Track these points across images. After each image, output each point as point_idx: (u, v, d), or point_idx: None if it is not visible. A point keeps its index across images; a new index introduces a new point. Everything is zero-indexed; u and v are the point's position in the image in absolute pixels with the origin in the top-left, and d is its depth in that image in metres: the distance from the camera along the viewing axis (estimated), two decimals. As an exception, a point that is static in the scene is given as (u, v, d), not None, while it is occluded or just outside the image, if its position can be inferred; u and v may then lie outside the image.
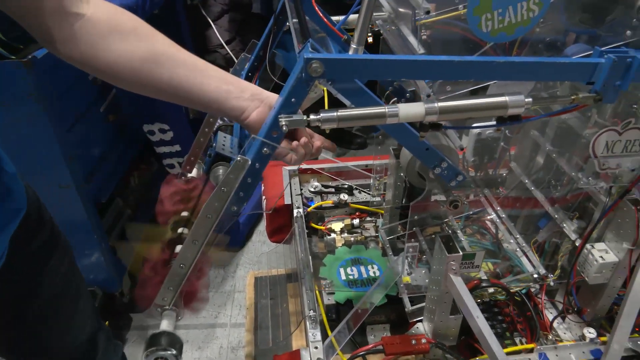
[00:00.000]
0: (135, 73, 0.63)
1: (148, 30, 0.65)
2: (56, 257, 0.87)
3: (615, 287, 0.93)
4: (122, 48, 0.62)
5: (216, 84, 0.66)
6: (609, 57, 0.61)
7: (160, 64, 0.64)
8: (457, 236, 1.18)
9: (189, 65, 0.66)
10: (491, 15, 0.61)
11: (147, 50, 0.63)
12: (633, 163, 0.79)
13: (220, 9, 2.69)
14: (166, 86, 0.65)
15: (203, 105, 0.68)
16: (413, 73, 0.60)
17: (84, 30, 0.60)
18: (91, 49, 0.61)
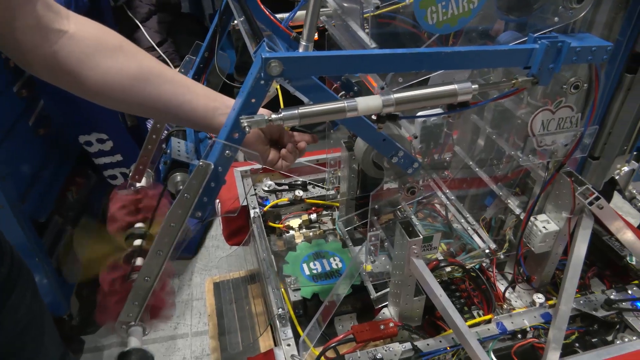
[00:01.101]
0: (126, 91, 0.61)
1: (132, 47, 0.64)
2: (19, 290, 0.81)
3: (557, 254, 1.02)
4: (110, 65, 0.60)
5: (204, 101, 0.67)
6: (543, 43, 0.66)
7: (149, 81, 0.63)
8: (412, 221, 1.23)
9: (176, 83, 0.66)
10: (436, 8, 0.64)
11: (136, 68, 0.62)
12: (566, 138, 0.87)
13: (147, 9, 2.58)
14: (155, 103, 0.64)
15: (191, 122, 0.68)
16: (369, 67, 0.62)
17: (69, 48, 0.57)
18: (77, 67, 0.58)
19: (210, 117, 0.68)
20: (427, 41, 0.71)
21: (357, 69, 0.62)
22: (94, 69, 0.60)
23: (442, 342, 0.95)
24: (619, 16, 0.79)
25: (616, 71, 0.84)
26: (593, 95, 0.81)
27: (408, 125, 0.88)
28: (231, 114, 0.63)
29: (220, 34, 0.91)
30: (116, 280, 0.86)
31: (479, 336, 0.96)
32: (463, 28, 0.87)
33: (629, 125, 0.86)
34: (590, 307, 1.01)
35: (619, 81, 0.85)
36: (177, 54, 2.56)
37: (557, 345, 0.89)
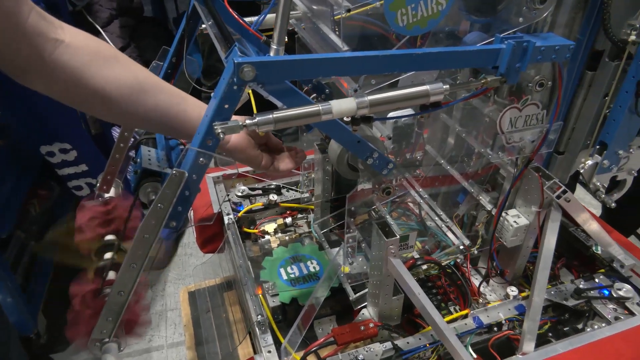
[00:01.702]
0: (124, 100, 0.60)
1: (126, 58, 0.64)
2: None
3: (528, 247, 1.05)
4: (108, 74, 0.59)
5: (198, 111, 0.67)
6: (509, 43, 0.68)
7: (146, 91, 0.62)
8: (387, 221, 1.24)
9: (171, 93, 0.66)
10: (405, 10, 0.65)
11: (132, 78, 0.61)
12: (532, 135, 0.89)
13: (108, 14, 2.51)
14: (151, 114, 0.63)
15: (186, 133, 0.68)
16: (343, 70, 0.62)
17: (66, 57, 0.56)
18: (76, 76, 0.57)
19: None
20: (396, 43, 0.71)
21: (331, 72, 0.62)
22: (92, 78, 0.59)
23: (421, 340, 0.96)
24: (578, 16, 0.82)
25: (577, 69, 0.87)
26: (557, 92, 0.83)
27: (381, 126, 0.88)
28: (204, 120, 0.62)
29: (188, 38, 0.89)
30: (87, 296, 0.83)
31: (457, 331, 0.97)
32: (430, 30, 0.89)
33: (591, 120, 0.89)
34: (560, 297, 1.04)
35: (581, 78, 0.88)
36: (141, 59, 2.50)
37: (532, 336, 0.92)
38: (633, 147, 0.91)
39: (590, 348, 0.90)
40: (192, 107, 0.69)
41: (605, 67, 0.84)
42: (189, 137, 0.74)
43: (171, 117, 0.67)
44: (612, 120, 0.86)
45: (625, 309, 1.03)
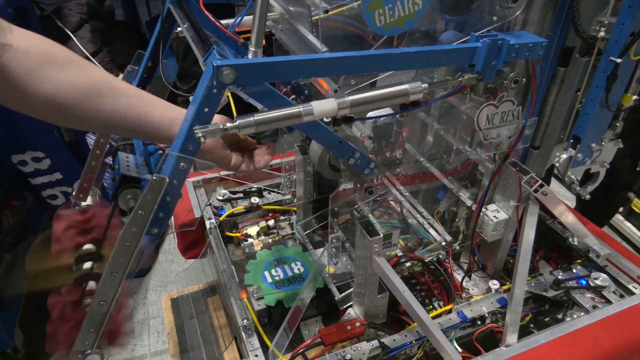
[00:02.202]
0: (77, 105, 0.58)
1: (82, 61, 0.61)
2: None
3: (508, 241, 1.07)
4: (60, 78, 0.57)
5: (160, 111, 0.65)
6: (485, 41, 0.69)
7: (102, 93, 0.60)
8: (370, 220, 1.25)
9: (130, 95, 0.63)
10: (383, 11, 0.65)
11: (87, 81, 0.59)
12: (509, 131, 0.91)
13: (78, 18, 2.46)
14: (110, 117, 0.61)
15: (150, 135, 0.65)
16: (323, 71, 0.62)
17: (14, 62, 0.54)
18: (24, 82, 0.55)
19: (167, 127, 0.67)
20: (373, 43, 0.72)
21: (311, 73, 0.62)
22: (42, 83, 0.57)
23: (407, 337, 0.97)
24: (549, 14, 0.84)
25: (550, 65, 0.89)
26: (531, 89, 0.85)
27: (361, 125, 0.89)
28: (184, 125, 0.61)
29: (164, 42, 0.87)
30: (67, 307, 0.80)
31: (441, 326, 0.99)
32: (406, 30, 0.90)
33: (565, 115, 0.92)
34: (540, 289, 1.07)
35: (553, 75, 0.90)
36: (113, 64, 2.45)
37: (515, 327, 0.93)
38: (605, 140, 0.93)
39: (570, 337, 0.92)
40: (154, 108, 0.67)
41: (576, 63, 0.87)
42: (154, 139, 0.73)
43: (131, 120, 0.65)
44: (584, 115, 0.88)
45: (602, 298, 1.06)
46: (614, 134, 0.94)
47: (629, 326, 0.95)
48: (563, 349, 0.91)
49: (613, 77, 0.81)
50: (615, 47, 0.79)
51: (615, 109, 0.88)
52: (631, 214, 2.05)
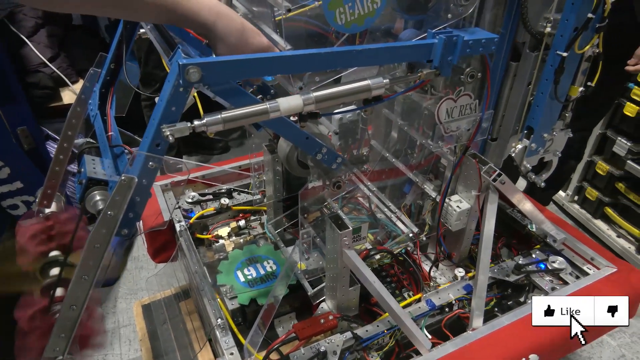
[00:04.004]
0: None
1: None
2: None
3: (471, 230, 1.11)
4: None
5: None
6: (441, 38, 0.73)
7: None
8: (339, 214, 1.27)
9: None
10: (343, 9, 0.68)
11: None
12: (468, 124, 0.96)
13: (33, 23, 2.38)
14: None
15: (152, 12, 0.61)
16: (288, 68, 0.63)
17: None
18: None
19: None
20: (335, 41, 0.74)
21: (276, 71, 0.64)
22: None
23: (379, 327, 0.99)
24: (500, 11, 0.89)
25: (503, 60, 0.94)
26: (487, 83, 0.90)
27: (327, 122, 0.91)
28: (151, 124, 0.61)
29: (127, 44, 0.87)
30: (35, 316, 0.79)
31: (411, 315, 1.02)
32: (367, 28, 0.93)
33: (518, 107, 0.97)
34: (503, 274, 1.12)
35: (506, 69, 0.96)
36: (72, 69, 2.39)
37: (480, 312, 0.98)
38: (556, 130, 0.99)
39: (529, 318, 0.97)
40: None
41: (527, 57, 0.92)
42: (156, 18, 0.66)
43: None
44: (536, 107, 0.94)
45: (560, 280, 1.12)
46: (564, 124, 1.00)
47: (584, 304, 1.01)
48: (525, 329, 0.96)
49: (560, 70, 0.86)
50: (561, 41, 0.85)
51: (564, 100, 0.93)
52: (585, 202, 2.17)
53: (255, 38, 0.65)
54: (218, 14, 0.63)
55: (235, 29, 0.64)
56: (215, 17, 0.63)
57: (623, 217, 1.99)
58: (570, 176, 2.01)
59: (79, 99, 0.92)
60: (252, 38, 0.65)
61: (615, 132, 1.91)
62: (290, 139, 0.77)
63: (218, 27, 0.63)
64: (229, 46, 0.64)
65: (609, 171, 1.97)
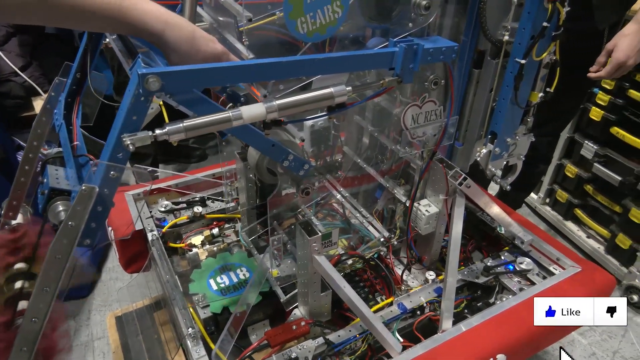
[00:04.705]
0: None
1: None
2: None
3: (441, 233, 1.14)
4: None
5: None
6: (401, 46, 0.74)
7: None
8: (312, 221, 1.28)
9: None
10: (305, 19, 0.69)
11: None
12: (434, 129, 0.98)
13: (4, 32, 2.34)
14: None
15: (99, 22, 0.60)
16: (248, 76, 0.64)
17: None
18: None
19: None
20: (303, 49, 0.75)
21: (237, 79, 0.64)
22: None
23: (351, 331, 1.00)
24: (461, 20, 0.91)
25: (465, 67, 0.97)
26: (450, 89, 0.92)
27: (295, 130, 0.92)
28: (112, 133, 0.61)
29: (92, 53, 0.87)
30: None
31: (383, 319, 1.03)
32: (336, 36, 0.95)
33: (482, 113, 1.00)
34: (472, 276, 1.14)
35: (469, 76, 0.98)
36: (45, 78, 2.35)
37: (449, 313, 1.00)
38: (518, 135, 1.02)
39: (498, 318, 0.99)
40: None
41: (488, 65, 0.95)
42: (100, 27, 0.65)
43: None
44: (498, 112, 0.97)
45: (527, 280, 1.15)
46: (526, 128, 1.03)
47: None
48: (493, 329, 0.98)
49: (519, 77, 0.89)
50: (519, 49, 0.88)
51: (525, 105, 0.96)
52: (556, 204, 2.22)
53: (209, 45, 0.65)
54: (166, 23, 0.63)
55: (185, 37, 0.63)
56: (163, 25, 0.62)
57: (592, 218, 2.05)
58: (541, 179, 2.07)
59: (45, 108, 0.91)
60: (204, 45, 0.65)
61: (582, 136, 1.96)
62: (257, 147, 0.78)
63: (167, 35, 0.63)
64: (181, 55, 0.64)
65: (577, 174, 2.02)
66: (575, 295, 1.06)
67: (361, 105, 1.23)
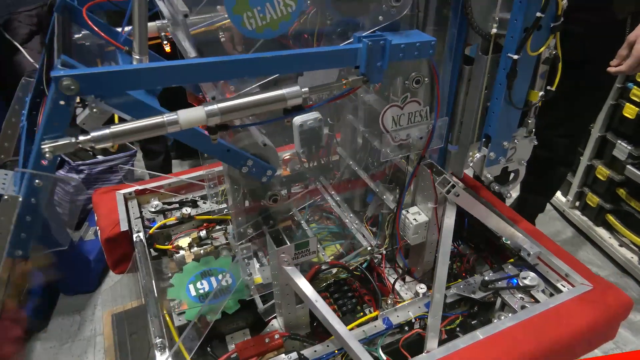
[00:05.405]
0: None
1: None
2: None
3: (433, 243, 1.05)
4: None
5: None
6: (364, 42, 0.67)
7: None
8: (301, 226, 1.22)
9: None
10: (252, 13, 0.63)
11: None
12: (420, 132, 0.89)
13: (28, 30, 2.40)
14: None
15: None
16: (180, 78, 0.59)
17: None
18: None
19: None
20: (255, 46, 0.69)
21: (167, 82, 0.59)
22: None
23: (329, 347, 0.94)
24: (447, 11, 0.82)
25: (455, 63, 0.87)
26: (436, 88, 0.83)
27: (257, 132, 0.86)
28: (36, 141, 0.58)
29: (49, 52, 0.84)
30: None
31: (366, 335, 0.96)
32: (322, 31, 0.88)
33: (475, 113, 0.90)
34: (469, 291, 1.04)
35: (460, 73, 0.89)
36: (65, 75, 2.40)
37: (435, 332, 0.91)
38: (518, 138, 0.92)
39: (489, 340, 0.90)
40: None
41: (479, 60, 0.85)
42: None
43: None
44: (492, 113, 0.87)
45: (531, 297, 1.05)
46: (527, 131, 0.92)
47: (551, 326, 0.93)
48: (481, 352, 0.88)
49: (512, 74, 0.79)
50: (511, 43, 0.78)
51: (523, 105, 0.86)
52: (586, 208, 2.05)
53: None
54: None
55: None
56: None
57: (625, 224, 1.88)
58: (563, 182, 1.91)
59: (13, 109, 0.89)
60: None
61: (614, 135, 1.80)
62: (210, 152, 0.72)
63: None
64: None
65: (609, 176, 1.86)
66: (584, 317, 0.95)
67: (355, 104, 1.16)
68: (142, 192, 1.36)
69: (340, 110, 1.24)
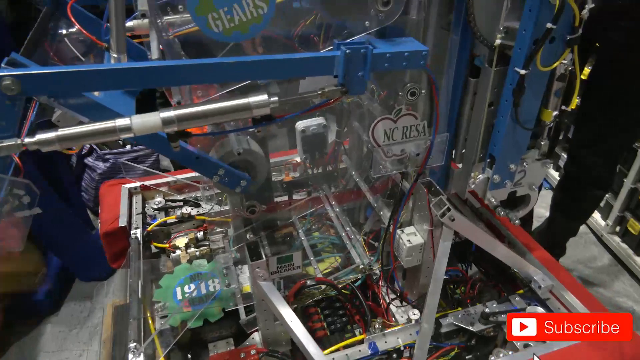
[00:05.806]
0: None
1: None
2: None
3: (430, 267, 0.97)
4: None
5: None
6: (342, 50, 0.61)
7: None
8: (297, 235, 1.18)
9: None
10: (218, 15, 0.58)
11: None
12: (417, 148, 0.82)
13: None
14: None
15: None
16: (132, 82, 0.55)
17: None
18: None
19: None
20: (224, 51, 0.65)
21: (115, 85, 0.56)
22: None
23: (308, 367, 0.89)
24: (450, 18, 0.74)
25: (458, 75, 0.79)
26: (434, 101, 0.76)
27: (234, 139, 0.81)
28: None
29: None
30: None
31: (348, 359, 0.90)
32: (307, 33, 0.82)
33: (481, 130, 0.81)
34: (467, 322, 0.96)
35: (464, 86, 0.80)
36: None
37: (420, 366, 0.84)
38: (527, 161, 0.82)
39: (478, 382, 0.82)
40: None
41: (485, 73, 0.76)
42: None
43: None
44: (497, 132, 0.78)
45: (538, 335, 0.94)
46: (539, 153, 0.82)
47: (552, 372, 0.84)
48: (467, 396, 0.81)
49: (519, 90, 0.70)
50: (519, 56, 0.69)
51: (532, 125, 0.76)
52: (626, 235, 1.87)
53: None
54: None
55: None
56: None
57: (669, 257, 1.70)
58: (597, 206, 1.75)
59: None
60: None
61: (663, 157, 1.63)
62: (179, 159, 0.69)
63: None
64: None
65: (654, 202, 1.68)
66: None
67: (362, 111, 1.10)
68: (147, 188, 1.35)
69: (348, 116, 1.18)
